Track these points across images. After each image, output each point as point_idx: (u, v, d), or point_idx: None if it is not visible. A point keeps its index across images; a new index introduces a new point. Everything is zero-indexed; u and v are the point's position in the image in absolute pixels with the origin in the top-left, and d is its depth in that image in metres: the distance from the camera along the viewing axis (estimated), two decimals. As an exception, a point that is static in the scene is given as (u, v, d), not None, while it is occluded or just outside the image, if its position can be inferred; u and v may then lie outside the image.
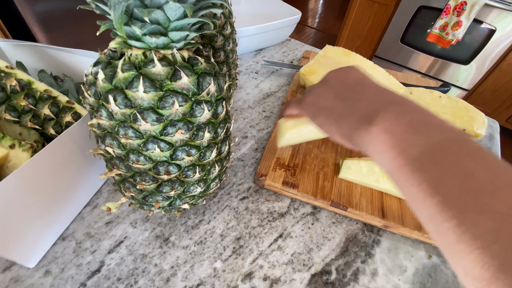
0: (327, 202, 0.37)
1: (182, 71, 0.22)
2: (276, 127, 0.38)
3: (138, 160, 0.24)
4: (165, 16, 0.20)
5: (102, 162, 0.37)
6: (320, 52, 0.54)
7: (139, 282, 0.30)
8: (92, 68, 0.23)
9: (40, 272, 0.30)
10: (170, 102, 0.22)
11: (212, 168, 0.28)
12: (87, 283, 0.30)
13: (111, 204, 0.31)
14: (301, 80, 0.56)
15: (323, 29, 2.92)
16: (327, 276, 0.32)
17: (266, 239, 0.35)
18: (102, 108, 0.22)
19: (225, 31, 0.40)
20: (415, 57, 1.83)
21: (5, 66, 0.31)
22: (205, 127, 0.24)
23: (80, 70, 0.41)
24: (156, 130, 0.22)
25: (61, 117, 0.33)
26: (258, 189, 0.40)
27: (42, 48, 0.39)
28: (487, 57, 1.58)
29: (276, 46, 0.75)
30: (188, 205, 0.31)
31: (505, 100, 1.69)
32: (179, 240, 0.34)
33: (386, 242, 0.36)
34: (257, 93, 0.58)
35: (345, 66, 0.30)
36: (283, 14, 0.71)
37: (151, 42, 0.21)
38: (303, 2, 3.43)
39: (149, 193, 0.27)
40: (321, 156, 0.43)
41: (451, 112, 0.49)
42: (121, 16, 0.18)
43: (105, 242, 0.33)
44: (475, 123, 0.48)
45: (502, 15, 1.43)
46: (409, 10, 1.68)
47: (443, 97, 0.51)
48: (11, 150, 0.28)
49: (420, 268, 0.34)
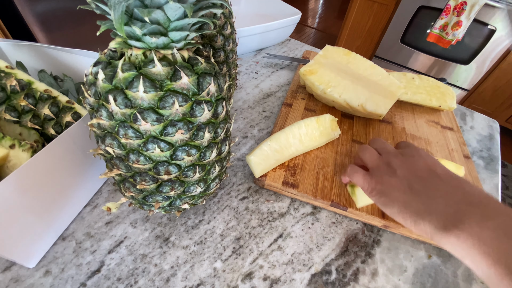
0: (327, 202, 0.37)
1: (182, 71, 0.22)
2: (343, 185, 0.39)
3: (138, 160, 0.24)
4: (165, 16, 0.20)
5: (102, 162, 0.37)
6: (320, 52, 0.54)
7: (139, 282, 0.30)
8: (92, 68, 0.23)
9: (40, 272, 0.30)
10: (170, 102, 0.22)
11: (212, 168, 0.28)
12: (87, 283, 0.30)
13: (111, 204, 0.31)
14: (301, 80, 0.56)
15: (323, 29, 2.92)
16: (327, 276, 0.32)
17: (266, 239, 0.35)
18: (102, 108, 0.22)
19: (225, 31, 0.40)
20: (415, 57, 1.83)
21: (5, 66, 0.31)
22: (205, 127, 0.24)
23: (80, 70, 0.41)
24: (156, 130, 0.22)
25: (61, 117, 0.33)
26: (258, 189, 0.40)
27: (42, 48, 0.39)
28: (487, 57, 1.58)
29: (276, 46, 0.75)
30: (188, 205, 0.31)
31: (505, 100, 1.69)
32: (179, 240, 0.34)
33: (386, 242, 0.36)
34: (257, 93, 0.58)
35: (406, 148, 0.31)
36: (283, 14, 0.71)
37: (151, 42, 0.21)
38: (303, 2, 3.43)
39: (149, 193, 0.27)
40: (321, 156, 0.43)
41: (425, 91, 0.54)
42: (121, 16, 0.18)
43: (105, 242, 0.33)
44: (447, 98, 0.53)
45: (502, 15, 1.43)
46: (409, 10, 1.68)
47: (415, 78, 0.56)
48: (11, 150, 0.28)
49: (420, 268, 0.34)
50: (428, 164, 0.28)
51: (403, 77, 0.56)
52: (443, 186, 0.26)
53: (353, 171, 0.33)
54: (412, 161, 0.29)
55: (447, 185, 0.26)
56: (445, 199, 0.25)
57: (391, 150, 0.32)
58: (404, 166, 0.29)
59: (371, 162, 0.32)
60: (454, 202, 0.24)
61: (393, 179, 0.28)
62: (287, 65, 0.67)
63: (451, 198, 0.25)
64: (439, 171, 0.28)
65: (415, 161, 0.29)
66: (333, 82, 0.49)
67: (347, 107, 0.49)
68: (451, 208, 0.24)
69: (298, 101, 0.53)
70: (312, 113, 0.51)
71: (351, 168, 0.33)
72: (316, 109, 0.52)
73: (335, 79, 0.49)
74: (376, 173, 0.30)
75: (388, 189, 0.28)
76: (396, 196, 0.27)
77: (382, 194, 0.28)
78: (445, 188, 0.26)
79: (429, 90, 0.54)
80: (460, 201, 0.24)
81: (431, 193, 0.26)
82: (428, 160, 0.29)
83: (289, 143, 0.40)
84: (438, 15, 1.57)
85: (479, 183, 0.41)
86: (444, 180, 0.27)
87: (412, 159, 0.29)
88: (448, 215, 0.24)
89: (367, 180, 0.30)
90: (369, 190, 0.30)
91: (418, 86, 0.55)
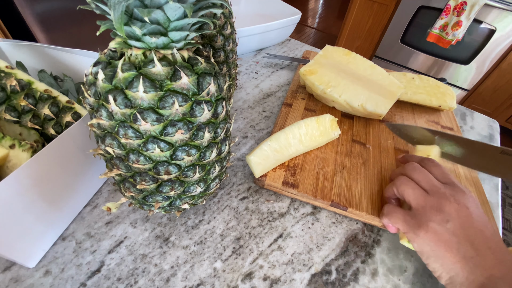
0: (327, 202, 0.37)
1: (182, 71, 0.22)
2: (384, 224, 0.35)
3: (138, 160, 0.24)
4: (165, 16, 0.20)
5: (102, 162, 0.37)
6: (320, 52, 0.54)
7: (139, 282, 0.30)
8: (92, 68, 0.23)
9: (40, 272, 0.30)
10: (170, 102, 0.22)
11: (212, 168, 0.28)
12: (87, 283, 0.30)
13: (111, 204, 0.31)
14: (301, 80, 0.56)
15: (323, 29, 2.92)
16: (327, 276, 0.32)
17: (266, 239, 0.35)
18: (102, 108, 0.22)
19: (225, 31, 0.40)
20: (415, 57, 1.83)
21: (5, 66, 0.31)
22: (205, 127, 0.24)
23: (80, 70, 0.41)
24: (156, 130, 0.22)
25: (61, 117, 0.33)
26: (258, 189, 0.40)
27: (42, 48, 0.39)
28: (487, 57, 1.58)
29: (276, 46, 0.75)
30: (188, 205, 0.31)
31: (505, 100, 1.69)
32: (179, 240, 0.34)
33: (386, 242, 0.36)
34: (257, 93, 0.58)
35: (455, 190, 0.28)
36: (283, 14, 0.71)
37: (151, 42, 0.21)
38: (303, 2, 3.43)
39: (149, 193, 0.27)
40: (321, 156, 0.43)
41: (425, 91, 0.54)
42: (121, 16, 0.18)
43: (105, 242, 0.33)
44: (447, 98, 0.53)
45: (502, 15, 1.43)
46: (409, 10, 1.68)
47: (415, 78, 0.56)
48: (11, 150, 0.28)
49: (420, 268, 0.34)
50: (481, 222, 0.26)
51: (403, 77, 0.56)
52: (487, 252, 0.25)
53: (391, 211, 0.30)
54: (466, 214, 0.26)
55: (487, 249, 0.25)
56: (482, 269, 0.24)
57: (438, 186, 0.29)
58: (457, 219, 0.26)
59: (415, 201, 0.29)
60: (485, 270, 0.24)
61: (442, 229, 0.26)
62: (287, 65, 0.68)
63: (485, 265, 0.24)
64: (487, 233, 0.26)
65: (469, 215, 0.26)
66: (333, 82, 0.49)
67: (347, 107, 0.49)
68: (482, 276, 0.24)
69: (298, 101, 0.53)
70: (312, 113, 0.51)
71: (387, 208, 0.31)
72: (316, 109, 0.52)
73: (335, 79, 0.49)
74: (422, 217, 0.27)
75: (433, 241, 0.26)
76: (445, 256, 0.26)
77: (424, 244, 0.27)
78: (485, 252, 0.25)
79: (429, 90, 0.54)
80: (491, 266, 0.24)
81: (477, 261, 0.25)
82: (480, 216, 0.27)
83: (289, 143, 0.40)
84: (438, 15, 1.57)
85: (479, 183, 0.41)
86: (487, 242, 0.25)
87: (467, 211, 0.27)
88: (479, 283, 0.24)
89: (408, 223, 0.28)
90: (409, 234, 0.28)
91: (418, 86, 0.55)
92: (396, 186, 0.32)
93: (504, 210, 1.50)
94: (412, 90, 0.54)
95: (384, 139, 0.47)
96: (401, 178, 0.32)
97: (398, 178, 0.32)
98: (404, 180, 0.31)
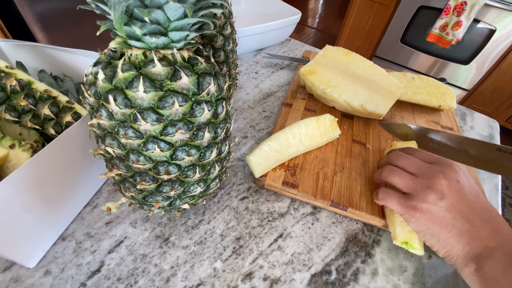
0: (327, 202, 0.37)
1: (182, 71, 0.22)
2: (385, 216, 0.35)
3: (138, 160, 0.24)
4: (165, 16, 0.20)
5: (102, 162, 0.37)
6: (320, 52, 0.54)
7: (139, 282, 0.30)
8: (92, 68, 0.23)
9: (40, 272, 0.30)
10: (170, 102, 0.22)
11: (212, 168, 0.28)
12: (87, 283, 0.30)
13: (111, 204, 0.31)
14: (301, 80, 0.56)
15: (323, 29, 2.92)
16: (327, 276, 0.32)
17: (266, 239, 0.35)
18: (102, 108, 0.22)
19: (225, 31, 0.40)
20: (415, 57, 1.83)
21: (5, 66, 0.31)
22: (205, 127, 0.24)
23: (80, 70, 0.41)
24: (156, 130, 0.22)
25: (61, 117, 0.33)
26: (258, 189, 0.40)
27: (42, 48, 0.39)
28: (487, 57, 1.58)
29: (276, 46, 0.75)
30: (188, 205, 0.31)
31: (505, 100, 1.69)
32: (179, 240, 0.34)
33: (386, 242, 0.36)
34: (257, 93, 0.58)
35: (443, 164, 0.29)
36: (283, 14, 0.71)
37: (151, 42, 0.21)
38: (303, 2, 3.43)
39: (149, 193, 0.27)
40: (321, 156, 0.43)
41: (425, 91, 0.54)
42: (121, 16, 0.18)
43: (105, 242, 0.33)
44: (447, 98, 0.53)
45: (502, 15, 1.43)
46: (409, 10, 1.68)
47: (415, 78, 0.56)
48: (11, 150, 0.28)
49: (420, 268, 0.34)
50: (473, 194, 0.27)
51: (403, 77, 0.56)
52: (481, 223, 0.26)
53: (385, 196, 0.31)
54: (458, 188, 0.27)
55: (480, 218, 0.26)
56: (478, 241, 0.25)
57: (425, 166, 0.29)
58: (450, 195, 0.27)
59: (405, 187, 0.29)
60: (480, 241, 0.25)
61: (435, 209, 0.27)
62: (287, 65, 0.68)
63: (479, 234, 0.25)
64: (480, 204, 0.27)
65: (461, 189, 0.27)
66: (333, 82, 0.49)
67: (347, 107, 0.49)
68: (477, 246, 0.25)
69: (298, 101, 0.53)
70: (312, 113, 0.51)
71: (382, 192, 0.31)
72: (316, 109, 0.52)
73: (335, 79, 0.49)
74: (416, 199, 0.28)
75: (428, 220, 0.27)
76: (440, 232, 0.27)
77: (420, 223, 0.28)
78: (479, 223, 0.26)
79: (429, 90, 0.54)
80: (486, 237, 0.25)
81: (475, 232, 0.26)
82: (472, 188, 0.27)
83: (289, 143, 0.40)
84: (438, 15, 1.57)
85: (479, 183, 0.41)
86: (480, 211, 0.26)
87: (458, 185, 0.27)
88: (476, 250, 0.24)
89: (403, 205, 0.29)
90: (406, 218, 0.29)
91: (418, 86, 0.55)
92: (384, 177, 0.32)
93: (504, 210, 1.50)
94: (412, 90, 0.54)
95: (384, 139, 0.47)
96: (387, 167, 0.32)
97: (384, 168, 0.32)
98: (390, 169, 0.31)
